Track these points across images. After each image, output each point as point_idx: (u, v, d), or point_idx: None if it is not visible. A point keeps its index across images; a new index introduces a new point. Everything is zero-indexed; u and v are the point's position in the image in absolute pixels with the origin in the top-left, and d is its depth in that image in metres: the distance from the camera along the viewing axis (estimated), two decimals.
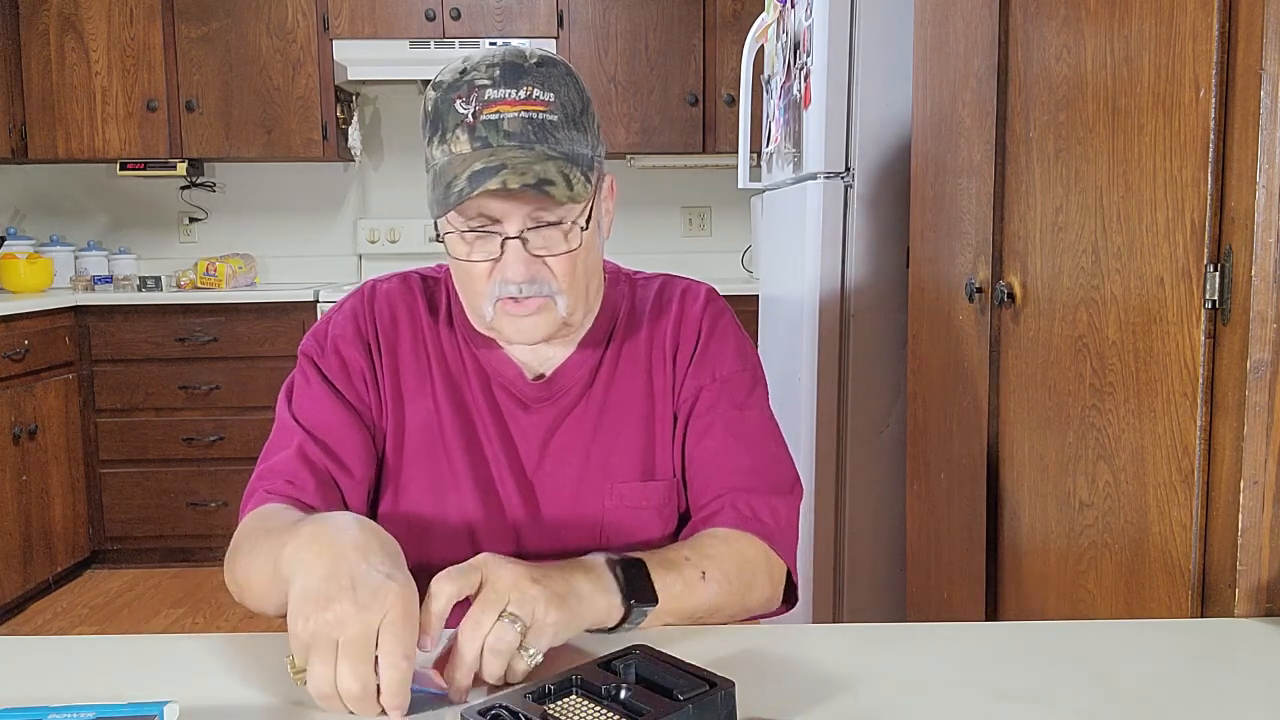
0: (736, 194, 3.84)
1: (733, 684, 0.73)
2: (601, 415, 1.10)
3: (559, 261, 1.00)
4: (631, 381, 1.12)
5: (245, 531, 0.99)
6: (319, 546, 0.79)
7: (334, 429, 1.07)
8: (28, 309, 3.39)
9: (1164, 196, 1.14)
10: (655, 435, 1.11)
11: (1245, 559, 1.01)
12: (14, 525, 3.27)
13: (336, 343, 1.11)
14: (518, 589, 0.80)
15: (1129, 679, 0.81)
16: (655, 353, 1.13)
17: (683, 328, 1.13)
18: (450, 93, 0.98)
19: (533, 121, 0.97)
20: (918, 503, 2.03)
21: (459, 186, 0.94)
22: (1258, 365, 1.00)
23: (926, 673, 0.83)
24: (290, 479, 1.04)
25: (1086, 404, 1.32)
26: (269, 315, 3.69)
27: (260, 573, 0.90)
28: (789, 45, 2.54)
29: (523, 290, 1.00)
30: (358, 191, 4.30)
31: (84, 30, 3.81)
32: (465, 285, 1.04)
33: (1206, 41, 1.06)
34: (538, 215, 0.98)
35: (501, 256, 0.99)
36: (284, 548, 0.82)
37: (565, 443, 1.10)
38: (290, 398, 1.10)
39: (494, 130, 0.96)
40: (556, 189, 0.94)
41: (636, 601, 0.88)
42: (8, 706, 0.72)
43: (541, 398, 1.10)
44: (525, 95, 0.97)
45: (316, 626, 0.73)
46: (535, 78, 0.98)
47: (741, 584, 1.00)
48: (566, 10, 3.87)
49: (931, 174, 1.92)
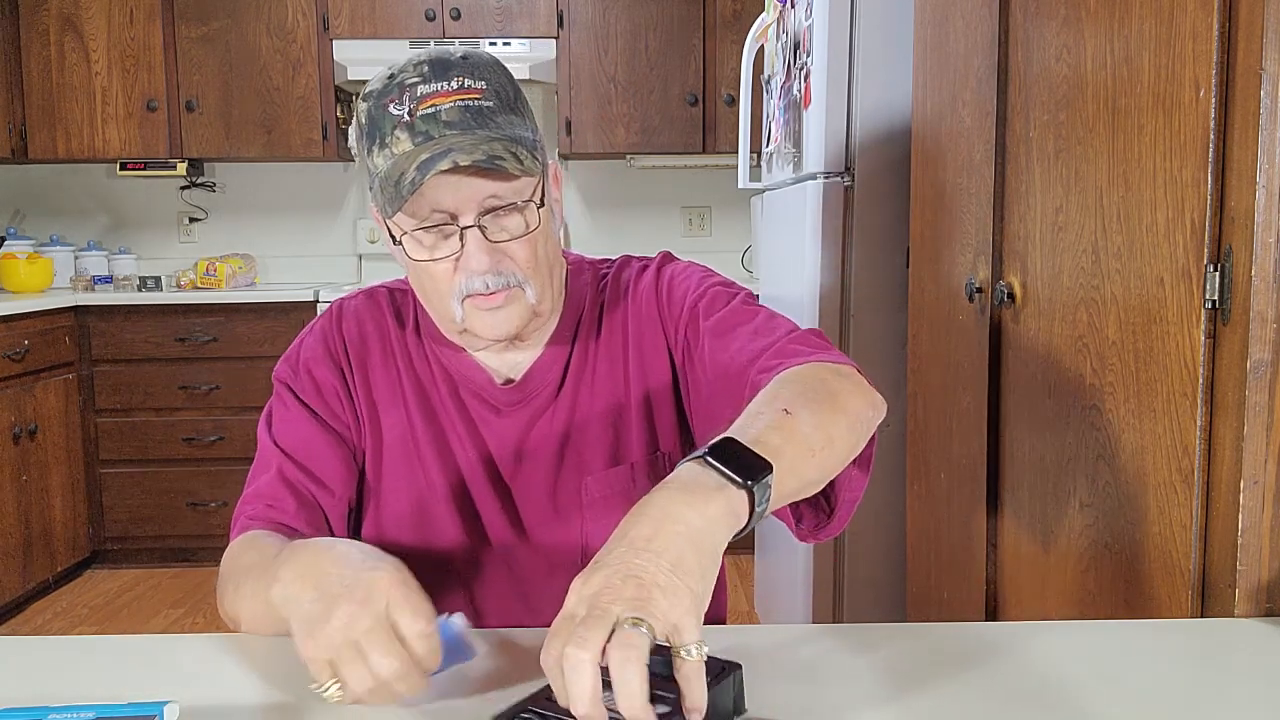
0: (736, 194, 3.84)
1: (740, 666, 0.74)
2: (572, 413, 1.10)
3: (520, 246, 0.99)
4: (600, 376, 1.11)
5: (229, 565, 0.99)
6: (300, 574, 0.79)
7: (313, 450, 1.08)
8: (28, 309, 3.39)
9: (1164, 196, 1.14)
10: (622, 421, 1.10)
11: (1245, 559, 1.01)
12: (14, 525, 3.27)
13: (308, 365, 1.11)
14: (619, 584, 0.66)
15: (1129, 679, 0.81)
16: (617, 340, 1.11)
17: (640, 304, 1.12)
18: (382, 98, 0.98)
19: (469, 109, 0.96)
20: (918, 503, 2.03)
21: (409, 178, 0.93)
22: (1258, 365, 1.00)
23: (926, 673, 0.83)
24: (270, 502, 1.04)
25: (1086, 404, 1.32)
26: (269, 315, 3.70)
27: (251, 611, 0.91)
28: (789, 45, 2.54)
29: (489, 283, 0.99)
30: (358, 191, 4.29)
31: (84, 30, 3.81)
32: (429, 289, 1.03)
33: (1206, 41, 1.06)
34: (490, 201, 0.97)
35: (462, 250, 0.98)
36: (270, 589, 0.82)
37: (539, 444, 1.09)
38: (270, 424, 1.11)
39: (433, 123, 0.95)
40: (507, 163, 0.94)
41: (753, 481, 0.74)
42: (8, 706, 0.72)
43: (513, 401, 1.09)
44: (457, 85, 0.97)
45: (329, 637, 0.73)
46: (463, 68, 0.98)
47: (829, 400, 0.85)
48: (566, 10, 3.87)
49: (931, 174, 1.92)
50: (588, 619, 0.64)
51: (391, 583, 0.75)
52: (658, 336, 1.11)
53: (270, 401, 1.13)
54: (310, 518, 1.05)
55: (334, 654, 0.73)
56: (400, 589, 0.75)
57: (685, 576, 0.67)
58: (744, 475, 0.74)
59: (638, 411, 1.10)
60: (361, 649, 0.72)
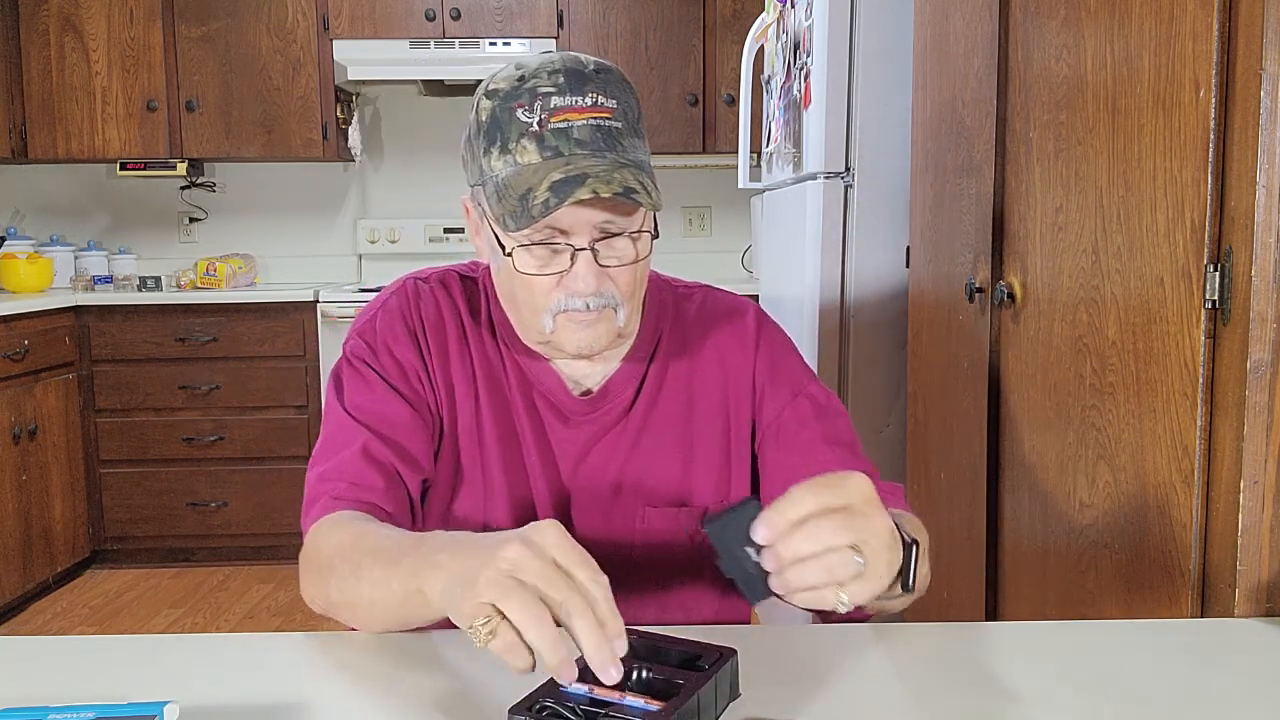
0: (736, 194, 3.84)
1: (735, 651, 0.76)
2: (640, 436, 1.08)
3: (625, 272, 0.98)
4: (673, 403, 1.09)
5: (334, 546, 0.93)
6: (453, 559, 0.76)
7: (398, 425, 1.04)
8: (28, 309, 3.39)
9: (1164, 196, 1.14)
10: (695, 460, 1.09)
11: (1245, 559, 1.01)
12: (14, 525, 3.27)
13: (387, 342, 1.07)
14: (882, 534, 0.74)
15: (1129, 679, 0.81)
16: (699, 374, 1.10)
17: (734, 351, 1.10)
18: (510, 100, 0.95)
19: (600, 129, 0.94)
20: (918, 503, 2.03)
21: (540, 198, 0.90)
22: (1258, 365, 1.00)
23: (926, 673, 0.83)
24: (355, 481, 0.99)
25: (1086, 404, 1.32)
26: (269, 315, 3.69)
27: (375, 597, 0.85)
28: (789, 45, 2.54)
29: (589, 304, 0.97)
30: (358, 192, 4.30)
31: (84, 30, 3.81)
32: (522, 299, 1.00)
33: (1206, 41, 1.06)
34: (606, 226, 0.96)
35: (570, 268, 0.96)
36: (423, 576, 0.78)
37: (602, 460, 1.08)
38: (342, 398, 1.06)
39: (564, 139, 0.93)
40: (640, 196, 0.92)
41: (909, 587, 0.82)
42: (8, 706, 0.72)
43: (585, 412, 1.07)
44: (592, 102, 0.95)
45: (495, 573, 0.69)
46: (598, 84, 0.96)
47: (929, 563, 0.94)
48: (566, 10, 3.87)
49: (931, 174, 1.92)
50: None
51: (559, 533, 0.72)
52: (747, 394, 1.10)
53: (340, 376, 1.08)
54: (396, 495, 1.01)
55: (497, 590, 0.68)
56: (560, 534, 0.72)
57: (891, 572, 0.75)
58: (910, 581, 0.81)
59: (714, 455, 1.09)
60: (526, 585, 0.68)
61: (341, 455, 1.01)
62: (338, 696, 0.80)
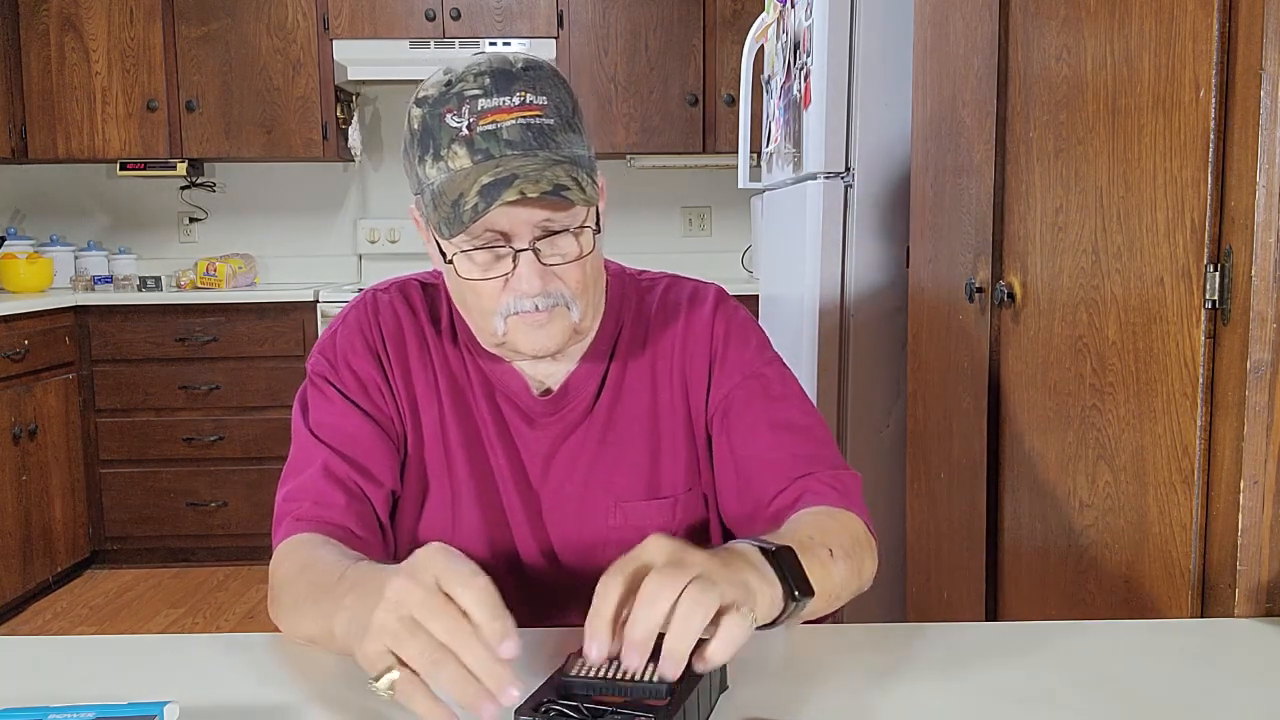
0: (736, 194, 3.84)
1: None
2: (606, 431, 1.08)
3: (571, 269, 0.98)
4: (637, 396, 1.09)
5: (281, 574, 0.94)
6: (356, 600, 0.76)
7: (358, 441, 1.04)
8: (28, 309, 3.39)
9: (1164, 196, 1.14)
10: (661, 451, 1.09)
11: (1245, 559, 1.01)
12: (14, 525, 3.27)
13: (347, 357, 1.08)
14: (707, 565, 0.72)
15: (1129, 679, 0.81)
16: (661, 365, 1.10)
17: (692, 338, 1.10)
18: (439, 107, 0.95)
19: (531, 127, 0.93)
20: (918, 503, 2.03)
21: (470, 203, 0.90)
22: (1258, 365, 1.00)
23: (926, 673, 0.83)
24: (316, 499, 1.00)
25: (1086, 404, 1.32)
26: (269, 315, 3.70)
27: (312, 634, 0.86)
28: (789, 45, 2.54)
29: (537, 304, 0.97)
30: (358, 192, 4.30)
31: (84, 30, 3.81)
32: (473, 304, 1.00)
33: (1206, 41, 1.06)
34: (546, 224, 0.95)
35: (514, 270, 0.96)
36: (334, 618, 0.78)
37: (569, 459, 1.08)
38: (306, 417, 1.07)
39: (494, 140, 0.93)
40: (572, 193, 0.91)
41: (800, 594, 0.79)
42: (8, 706, 0.72)
43: (547, 413, 1.07)
44: (519, 101, 0.94)
45: (382, 620, 0.69)
46: (526, 82, 0.95)
47: (858, 559, 0.94)
48: (566, 10, 3.87)
49: (931, 174, 1.92)
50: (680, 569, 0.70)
51: (434, 553, 0.71)
52: (702, 378, 1.09)
53: (303, 395, 1.09)
54: (360, 511, 1.02)
55: (388, 636, 0.68)
56: (443, 556, 0.71)
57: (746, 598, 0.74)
58: (796, 589, 0.79)
59: (680, 444, 1.09)
60: (417, 622, 0.68)
61: (304, 475, 1.03)
62: (338, 697, 0.80)
